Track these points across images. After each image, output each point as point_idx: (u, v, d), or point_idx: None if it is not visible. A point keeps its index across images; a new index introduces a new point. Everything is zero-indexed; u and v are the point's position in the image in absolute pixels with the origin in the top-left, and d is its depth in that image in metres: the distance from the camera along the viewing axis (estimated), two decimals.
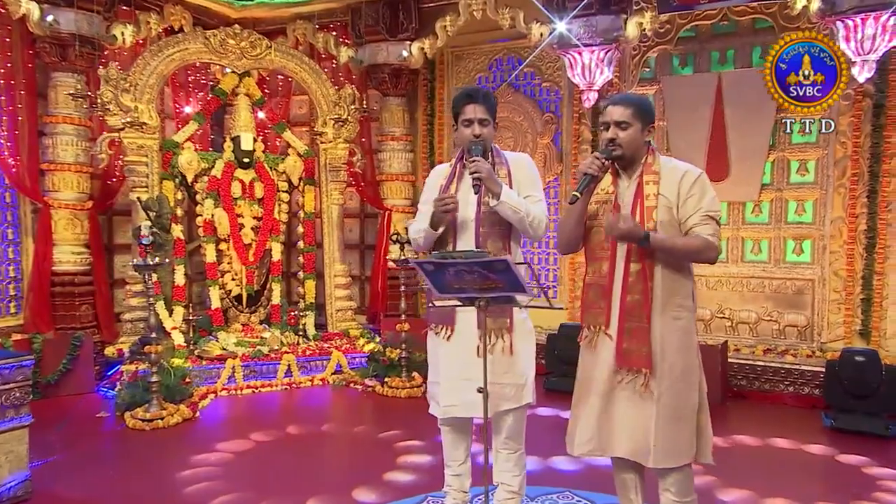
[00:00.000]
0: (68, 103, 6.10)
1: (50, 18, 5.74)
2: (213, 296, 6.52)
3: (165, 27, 6.85)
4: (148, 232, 4.98)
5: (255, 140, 6.68)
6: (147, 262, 4.91)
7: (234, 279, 6.65)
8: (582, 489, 3.73)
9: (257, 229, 6.69)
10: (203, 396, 5.52)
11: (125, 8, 6.51)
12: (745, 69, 6.05)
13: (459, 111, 2.98)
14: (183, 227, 6.51)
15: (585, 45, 6.03)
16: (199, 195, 6.52)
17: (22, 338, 5.72)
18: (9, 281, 6.08)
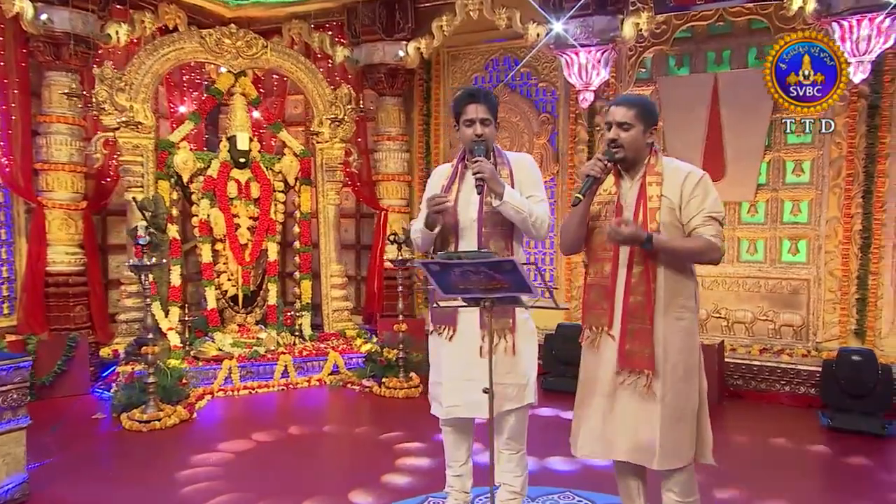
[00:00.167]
0: (62, 102, 6.06)
1: (44, 17, 5.70)
2: (209, 296, 6.48)
3: (160, 26, 6.81)
4: (144, 232, 4.95)
5: (251, 140, 6.65)
6: (144, 263, 4.88)
7: (230, 279, 6.62)
8: (581, 489, 3.73)
9: (253, 229, 6.66)
10: (200, 397, 5.49)
11: (119, 7, 6.48)
12: (741, 70, 6.09)
13: (461, 111, 2.97)
14: (178, 228, 6.46)
15: (582, 45, 6.04)
16: (195, 195, 6.49)
17: (16, 339, 5.67)
18: (2, 282, 6.03)
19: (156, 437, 4.75)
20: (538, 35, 6.23)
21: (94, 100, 5.96)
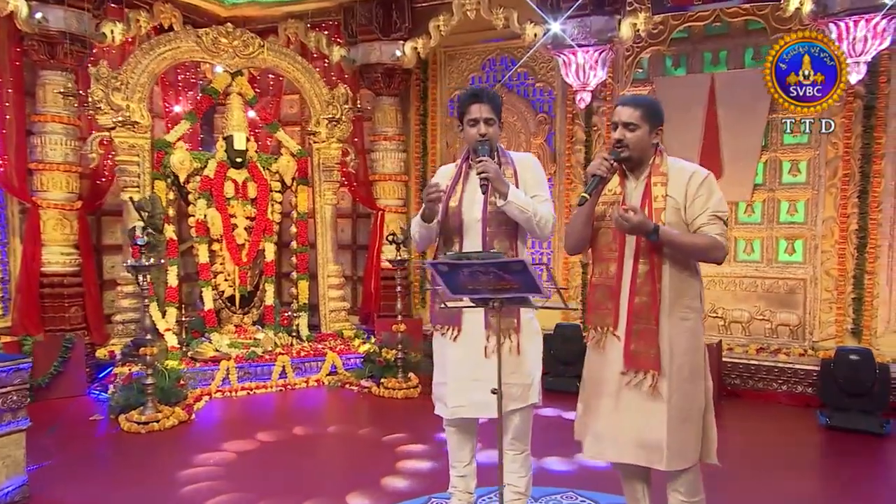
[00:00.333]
0: (57, 102, 6.01)
1: (38, 16, 5.66)
2: (206, 297, 6.45)
3: (155, 25, 6.78)
4: (142, 233, 4.92)
5: (248, 140, 6.62)
6: (142, 263, 4.85)
7: (226, 280, 6.59)
8: (582, 489, 3.74)
9: (250, 229, 6.63)
10: (197, 399, 5.47)
11: (114, 5, 6.43)
12: (738, 70, 6.12)
13: (465, 111, 2.96)
14: (174, 228, 6.43)
15: (579, 45, 6.05)
16: (192, 195, 6.45)
17: (11, 340, 5.63)
18: None
19: (154, 438, 4.72)
20: (535, 35, 6.23)
21: (89, 99, 5.92)
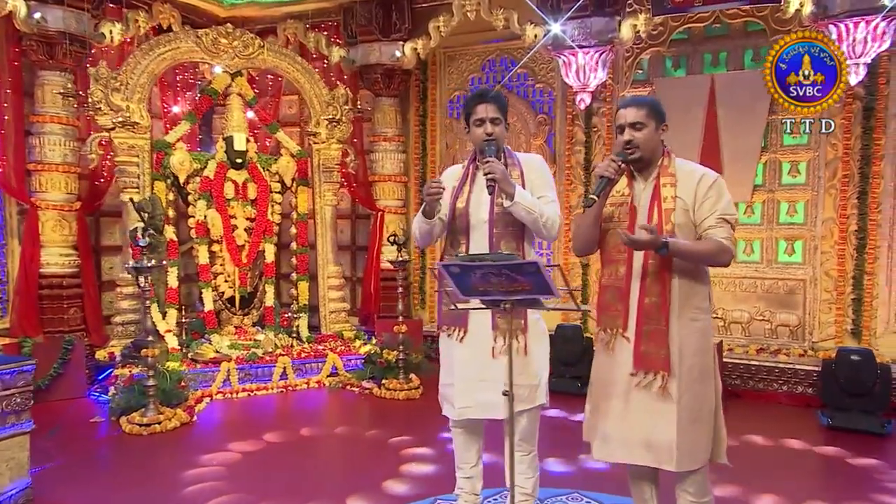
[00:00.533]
0: (56, 102, 5.99)
1: (37, 16, 5.64)
2: (206, 298, 6.42)
3: (153, 25, 6.75)
4: (144, 234, 4.90)
5: (248, 140, 6.60)
6: (144, 265, 4.83)
7: (226, 281, 6.56)
8: (588, 490, 3.74)
9: (250, 230, 6.60)
10: (199, 400, 5.44)
11: (113, 6, 6.41)
12: (738, 71, 6.14)
13: (471, 111, 2.98)
14: (174, 229, 6.40)
15: (580, 46, 6.06)
16: (192, 196, 6.42)
17: (10, 342, 5.59)
18: None
19: (156, 440, 4.70)
20: (535, 36, 6.24)
21: (89, 100, 5.89)
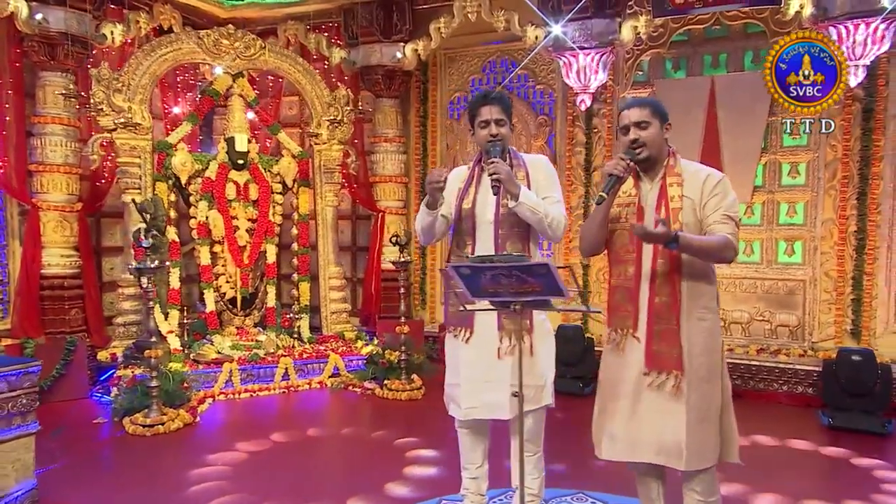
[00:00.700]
0: (57, 103, 5.99)
1: (39, 17, 5.64)
2: (207, 299, 6.42)
3: (154, 26, 6.75)
4: (147, 235, 4.90)
5: (249, 141, 6.60)
6: (146, 266, 4.83)
7: (228, 282, 6.57)
8: (593, 490, 3.75)
9: (252, 231, 6.60)
10: (201, 401, 5.44)
11: (114, 7, 6.41)
12: (738, 73, 6.16)
13: (475, 113, 2.99)
14: (176, 230, 6.40)
15: (580, 48, 6.08)
16: (193, 197, 6.42)
17: (12, 343, 5.58)
18: None
19: (159, 441, 4.70)
20: (536, 37, 6.26)
21: (91, 101, 5.89)
